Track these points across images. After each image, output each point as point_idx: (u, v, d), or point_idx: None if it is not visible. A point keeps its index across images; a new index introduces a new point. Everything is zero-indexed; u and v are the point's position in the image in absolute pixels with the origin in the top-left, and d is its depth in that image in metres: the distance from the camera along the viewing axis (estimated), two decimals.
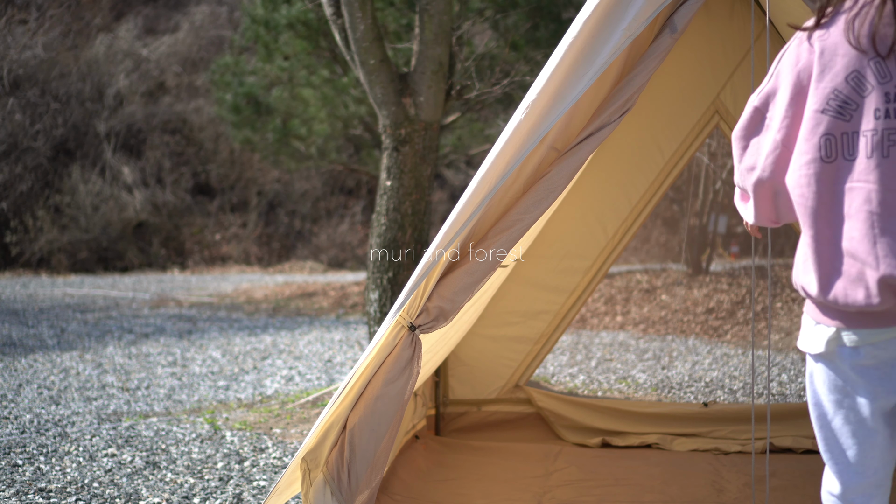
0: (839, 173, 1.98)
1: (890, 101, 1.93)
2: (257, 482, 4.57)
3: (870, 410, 2.04)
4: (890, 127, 1.93)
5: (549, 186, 3.08)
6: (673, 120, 4.85)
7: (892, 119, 1.93)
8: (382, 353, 3.04)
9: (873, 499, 2.14)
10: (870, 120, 1.94)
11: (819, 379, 2.12)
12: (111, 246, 20.30)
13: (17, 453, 5.15)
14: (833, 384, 2.09)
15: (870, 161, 1.93)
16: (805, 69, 2.04)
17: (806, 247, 2.05)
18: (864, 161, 1.94)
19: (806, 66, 2.04)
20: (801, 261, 2.08)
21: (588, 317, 11.16)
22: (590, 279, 5.00)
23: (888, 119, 1.93)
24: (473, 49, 9.78)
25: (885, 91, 1.93)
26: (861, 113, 1.95)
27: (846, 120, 1.96)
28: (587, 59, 2.94)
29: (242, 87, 13.68)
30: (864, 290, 1.95)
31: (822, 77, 1.99)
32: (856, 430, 2.09)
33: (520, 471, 4.26)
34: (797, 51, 2.06)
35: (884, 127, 1.93)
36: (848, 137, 1.96)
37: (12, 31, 19.92)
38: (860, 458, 2.10)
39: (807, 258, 2.05)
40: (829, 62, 1.98)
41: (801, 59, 2.05)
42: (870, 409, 2.04)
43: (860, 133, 1.95)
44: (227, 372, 8.06)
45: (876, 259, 1.93)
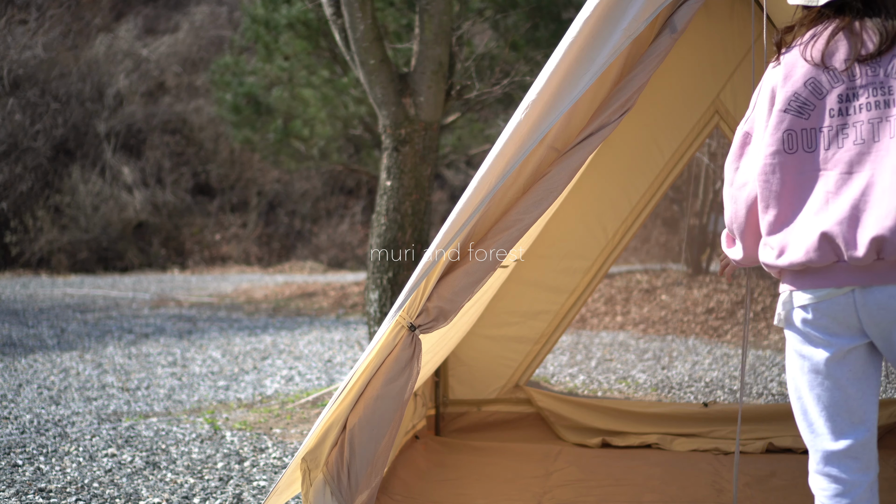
0: (801, 163, 2.34)
1: (842, 102, 2.32)
2: (257, 482, 4.57)
3: (825, 365, 2.35)
4: (842, 123, 2.31)
5: (549, 186, 3.08)
6: (673, 120, 4.85)
7: (843, 116, 2.31)
8: (382, 353, 3.04)
9: (853, 472, 2.33)
10: (825, 118, 2.32)
11: (790, 348, 2.43)
12: (111, 246, 20.31)
13: (17, 453, 5.15)
14: (798, 351, 2.40)
15: (827, 152, 2.31)
16: (775, 84, 2.42)
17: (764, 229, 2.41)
18: (822, 152, 2.31)
19: (775, 82, 2.43)
20: (761, 244, 2.44)
21: (588, 317, 11.16)
22: (590, 279, 5.00)
23: (840, 116, 2.31)
24: (473, 49, 9.79)
25: (837, 93, 2.32)
26: (819, 112, 2.33)
27: (805, 118, 2.34)
28: (587, 59, 2.94)
29: (242, 87, 13.68)
30: (805, 246, 2.30)
31: (785, 83, 2.38)
32: (820, 395, 2.36)
33: (520, 471, 4.26)
34: (769, 76, 2.46)
35: (837, 123, 2.31)
36: (807, 133, 2.33)
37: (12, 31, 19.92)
38: (831, 425, 2.35)
39: (765, 237, 2.42)
40: (790, 72, 2.38)
41: (772, 80, 2.44)
42: (825, 363, 2.35)
43: (819, 129, 2.32)
44: (227, 372, 8.06)
45: (821, 223, 2.29)
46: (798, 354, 2.40)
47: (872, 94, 2.29)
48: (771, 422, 4.72)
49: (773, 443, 4.65)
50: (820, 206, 2.31)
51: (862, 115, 2.29)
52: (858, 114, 2.30)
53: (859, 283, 2.30)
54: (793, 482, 4.04)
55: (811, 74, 2.35)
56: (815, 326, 2.37)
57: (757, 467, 4.27)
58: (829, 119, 2.32)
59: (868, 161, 2.27)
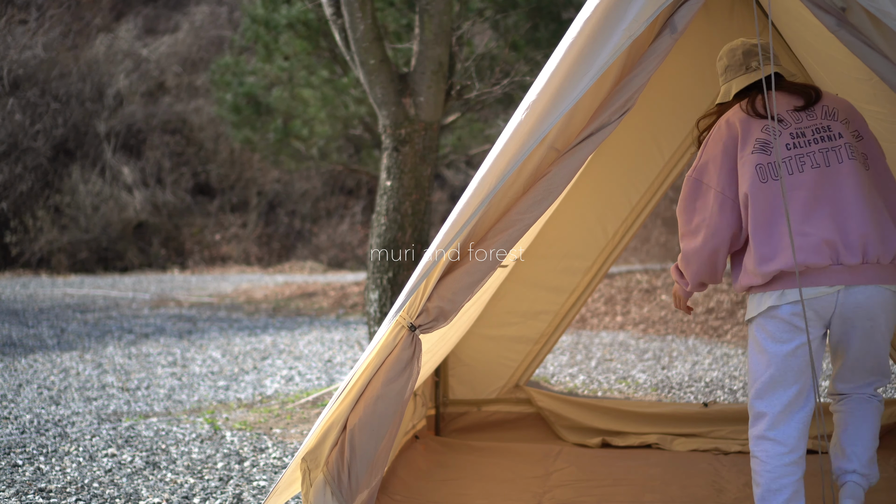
0: (772, 189, 2.95)
1: (795, 138, 3.00)
2: (257, 482, 4.57)
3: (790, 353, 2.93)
4: (798, 154, 2.97)
5: (549, 186, 3.08)
6: (673, 120, 4.85)
7: (797, 149, 2.98)
8: (382, 354, 3.04)
9: (790, 425, 2.93)
10: (784, 151, 2.98)
11: (761, 338, 2.97)
12: (111, 246, 20.30)
13: (17, 453, 5.15)
14: (773, 335, 2.94)
15: (791, 177, 2.94)
16: (730, 137, 3.05)
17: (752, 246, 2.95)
18: (787, 178, 2.94)
19: (730, 135, 3.06)
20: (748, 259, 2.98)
21: (588, 317, 11.16)
22: (590, 279, 5.00)
23: (795, 149, 2.98)
24: (473, 49, 9.79)
25: (789, 132, 3.00)
26: (777, 149, 2.95)
27: (768, 154, 2.97)
28: (587, 59, 2.94)
29: (242, 87, 13.68)
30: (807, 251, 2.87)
31: (746, 134, 3.02)
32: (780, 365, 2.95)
33: (520, 471, 4.26)
34: (719, 131, 3.09)
35: (794, 154, 2.97)
36: (772, 166, 2.96)
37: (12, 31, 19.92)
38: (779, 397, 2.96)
39: (751, 253, 2.96)
40: (748, 126, 3.04)
41: (723, 134, 3.07)
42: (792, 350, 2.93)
43: (783, 162, 2.96)
44: (227, 372, 8.06)
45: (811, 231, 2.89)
46: (771, 342, 2.94)
47: (815, 132, 2.99)
48: None
49: None
50: (802, 219, 2.90)
51: (813, 147, 2.97)
52: (811, 146, 2.98)
53: (845, 283, 2.90)
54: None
55: (765, 122, 3.02)
56: (800, 319, 2.90)
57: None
58: (786, 152, 2.98)
59: (828, 182, 2.93)
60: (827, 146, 2.97)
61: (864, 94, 3.59)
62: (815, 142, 2.98)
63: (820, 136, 2.99)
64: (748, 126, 3.04)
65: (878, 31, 2.92)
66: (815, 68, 4.25)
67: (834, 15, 2.91)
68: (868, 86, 3.43)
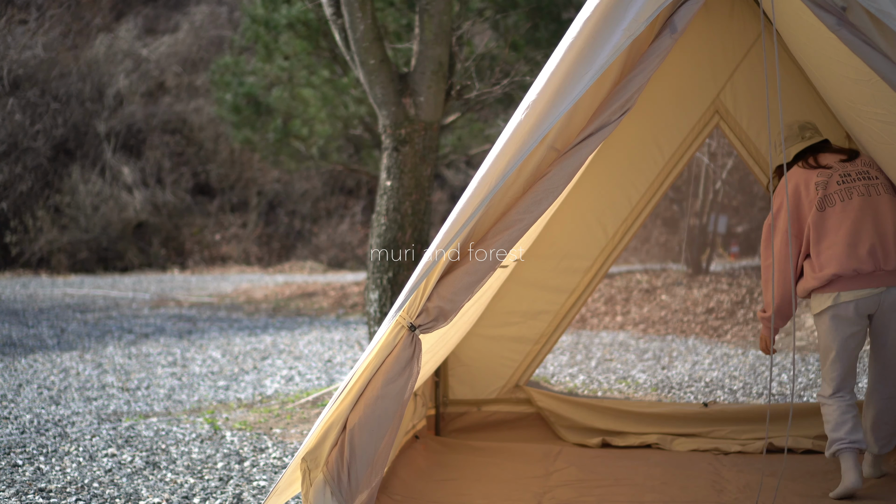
0: (826, 216, 3.95)
1: (843, 177, 3.98)
2: (257, 482, 4.57)
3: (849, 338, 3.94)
4: (847, 187, 3.96)
5: (549, 186, 3.08)
6: (673, 120, 4.85)
7: (846, 184, 3.96)
8: (382, 353, 3.04)
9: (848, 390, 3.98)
10: (835, 186, 3.96)
11: (829, 327, 3.94)
12: (111, 246, 20.30)
13: (17, 453, 5.15)
14: (834, 328, 3.93)
15: (842, 203, 3.94)
16: (795, 189, 4.03)
17: (813, 258, 3.97)
18: (839, 204, 3.94)
19: (795, 187, 4.03)
20: (809, 268, 3.99)
21: (588, 317, 11.16)
22: (590, 279, 5.00)
23: (845, 184, 3.96)
24: (473, 49, 9.79)
25: (839, 174, 4.00)
26: (831, 185, 3.97)
27: (824, 189, 3.97)
28: (587, 59, 2.94)
29: (242, 87, 13.67)
30: (857, 258, 3.88)
31: (807, 182, 4.00)
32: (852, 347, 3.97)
33: (520, 471, 4.26)
34: (795, 175, 4.08)
35: (844, 187, 3.96)
36: (828, 197, 3.95)
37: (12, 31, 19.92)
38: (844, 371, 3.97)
39: (811, 263, 3.98)
40: (808, 176, 4.02)
41: (795, 179, 4.05)
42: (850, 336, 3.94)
43: (833, 193, 3.96)
44: (227, 372, 8.06)
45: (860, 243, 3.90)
46: (834, 330, 3.92)
47: (858, 174, 3.99)
48: (771, 422, 4.72)
49: (772, 443, 4.65)
50: (853, 234, 3.89)
51: (857, 183, 3.96)
52: (856, 182, 3.96)
53: (886, 285, 3.90)
54: (793, 482, 4.04)
55: (818, 170, 4.03)
56: (853, 313, 3.90)
57: (757, 467, 4.27)
58: (837, 186, 3.96)
59: (870, 207, 3.92)
60: (868, 183, 3.96)
61: (862, 95, 3.59)
62: (859, 179, 3.96)
63: (862, 176, 3.98)
64: (808, 176, 4.02)
65: (879, 31, 2.92)
66: (813, 70, 4.25)
67: (834, 14, 2.91)
68: (867, 87, 3.43)
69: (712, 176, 12.91)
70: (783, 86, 4.72)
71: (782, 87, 4.72)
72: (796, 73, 4.69)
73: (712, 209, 13.33)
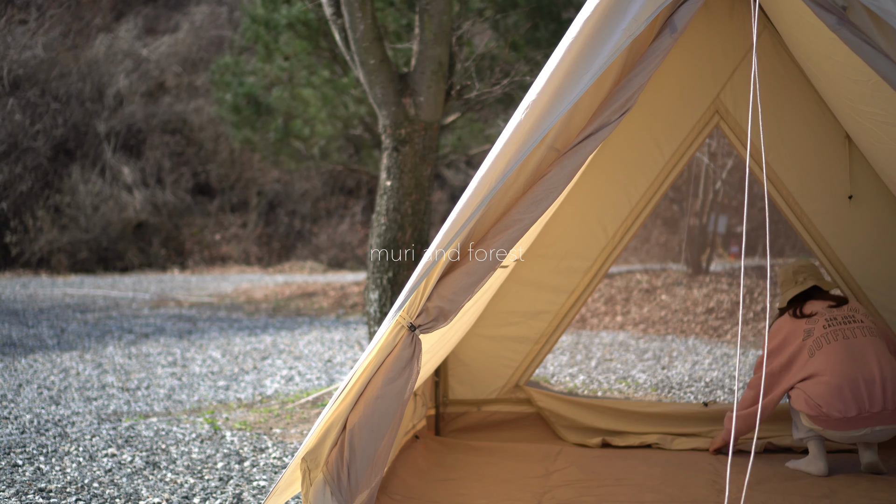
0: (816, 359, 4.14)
1: (829, 320, 4.20)
2: (257, 482, 4.57)
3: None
4: (833, 330, 4.17)
5: (549, 186, 3.08)
6: (673, 120, 4.85)
7: (832, 327, 4.17)
8: (382, 353, 3.04)
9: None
10: (821, 330, 4.19)
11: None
12: (111, 246, 20.30)
13: (17, 453, 5.15)
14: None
15: (828, 345, 4.14)
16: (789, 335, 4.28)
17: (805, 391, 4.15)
18: (825, 346, 4.14)
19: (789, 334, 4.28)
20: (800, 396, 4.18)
21: (588, 317, 11.16)
22: (590, 279, 5.00)
23: (831, 327, 4.18)
24: (473, 49, 9.78)
25: (825, 318, 4.21)
26: (817, 330, 4.19)
27: (811, 336, 4.19)
28: (587, 59, 2.94)
29: (242, 87, 13.67)
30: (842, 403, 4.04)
31: (795, 331, 4.26)
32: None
33: (520, 471, 4.26)
34: (785, 325, 4.32)
35: (830, 330, 4.17)
36: (815, 342, 4.17)
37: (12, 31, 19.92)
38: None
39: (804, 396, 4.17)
40: (796, 325, 4.27)
41: (785, 329, 4.30)
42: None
43: (820, 337, 4.17)
44: (227, 372, 8.06)
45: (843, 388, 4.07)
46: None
47: (844, 318, 4.19)
48: (771, 422, 4.72)
49: (772, 442, 4.65)
50: (838, 380, 4.05)
51: (843, 327, 4.16)
52: (841, 325, 4.17)
53: (870, 426, 4.04)
54: (793, 482, 4.04)
55: (805, 320, 4.27)
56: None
57: (757, 467, 4.27)
58: (823, 330, 4.18)
59: (854, 350, 4.10)
60: (854, 326, 4.17)
61: (861, 95, 3.59)
62: (845, 323, 4.17)
63: (847, 320, 4.19)
64: (795, 326, 4.27)
65: (879, 30, 2.92)
66: (813, 70, 4.25)
67: (835, 13, 2.91)
68: (866, 87, 3.43)
69: (712, 176, 12.91)
70: (783, 86, 4.72)
71: (782, 87, 4.72)
72: (796, 73, 4.69)
73: (712, 209, 13.33)
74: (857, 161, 4.70)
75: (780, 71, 4.70)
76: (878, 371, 4.02)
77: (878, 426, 3.99)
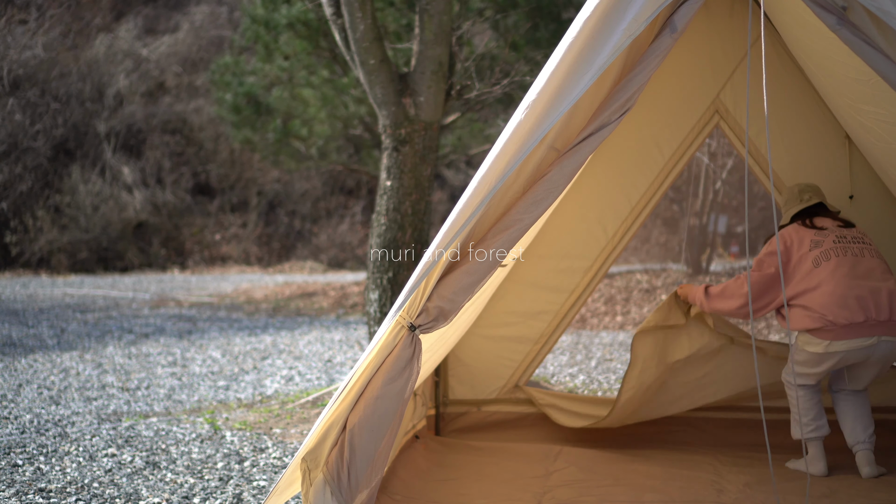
0: (819, 270, 4.10)
1: (839, 238, 4.16)
2: (257, 482, 4.57)
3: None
4: (842, 246, 4.13)
5: (549, 186, 3.08)
6: (673, 120, 4.85)
7: (841, 244, 4.14)
8: (382, 353, 3.04)
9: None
10: (832, 244, 4.14)
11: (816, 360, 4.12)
12: (111, 246, 20.31)
13: (17, 453, 5.15)
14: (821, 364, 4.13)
15: (837, 258, 4.09)
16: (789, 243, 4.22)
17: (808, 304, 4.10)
18: (834, 259, 4.09)
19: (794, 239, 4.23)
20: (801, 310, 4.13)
21: (588, 317, 11.16)
22: (590, 279, 5.00)
23: (840, 244, 4.14)
24: (473, 49, 9.79)
25: (835, 234, 4.18)
26: (826, 244, 4.14)
27: (819, 248, 4.14)
28: (587, 59, 2.94)
29: (242, 87, 13.67)
30: (848, 311, 4.02)
31: (801, 239, 4.20)
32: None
33: (520, 471, 4.26)
34: (791, 233, 4.25)
35: (839, 246, 4.14)
36: (823, 253, 4.12)
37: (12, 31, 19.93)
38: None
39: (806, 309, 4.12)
40: (802, 234, 4.23)
41: (790, 236, 4.24)
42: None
43: (829, 249, 4.12)
44: (227, 372, 8.06)
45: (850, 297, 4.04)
46: (818, 365, 4.14)
47: (853, 238, 4.18)
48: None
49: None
50: (846, 289, 4.02)
51: (853, 245, 4.15)
52: (851, 244, 4.15)
53: (877, 334, 4.05)
54: (793, 482, 4.04)
55: (814, 230, 4.21)
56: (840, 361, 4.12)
57: (757, 467, 4.28)
58: (834, 245, 4.13)
59: (863, 266, 4.09)
60: (862, 247, 4.17)
61: (862, 94, 3.59)
62: (854, 242, 4.18)
63: (857, 240, 4.19)
64: (802, 234, 4.22)
65: (879, 30, 2.92)
66: (813, 70, 4.25)
67: (835, 14, 2.91)
68: (866, 87, 3.43)
69: (712, 176, 12.91)
70: (783, 86, 4.72)
71: (782, 87, 4.72)
72: (796, 73, 4.69)
73: (712, 209, 13.33)
74: (857, 161, 4.70)
75: (780, 71, 4.70)
76: (883, 284, 4.02)
77: (885, 336, 3.98)
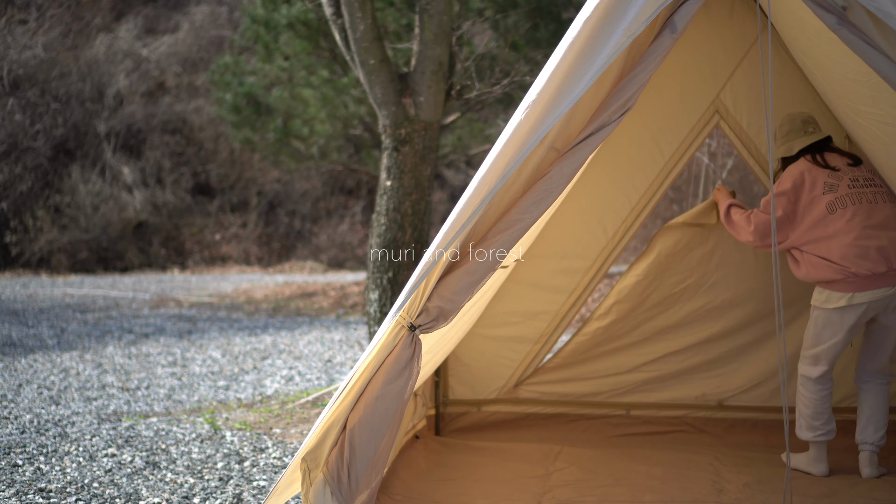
0: (836, 217, 4.01)
1: (853, 181, 4.05)
2: (257, 482, 4.57)
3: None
4: (858, 192, 4.03)
5: (549, 186, 3.08)
6: (673, 120, 4.85)
7: (856, 189, 4.03)
8: (382, 353, 3.04)
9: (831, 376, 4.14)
10: (846, 189, 4.04)
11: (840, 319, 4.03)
12: (111, 246, 20.30)
13: (17, 453, 5.15)
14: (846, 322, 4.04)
15: (853, 206, 4.01)
16: (800, 181, 4.11)
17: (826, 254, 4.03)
18: (850, 206, 4.01)
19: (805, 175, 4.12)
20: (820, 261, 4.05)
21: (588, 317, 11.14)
22: (590, 279, 5.00)
23: (855, 188, 4.03)
24: (473, 49, 9.78)
25: (849, 177, 4.07)
26: (841, 188, 4.04)
27: (835, 192, 4.05)
28: (587, 59, 2.94)
29: (242, 87, 13.67)
30: (869, 261, 3.95)
31: (814, 180, 4.09)
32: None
33: (520, 471, 4.26)
34: (804, 170, 4.12)
35: (854, 192, 4.03)
36: (839, 200, 4.03)
37: (12, 31, 19.92)
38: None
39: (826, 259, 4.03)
40: (815, 173, 4.10)
41: (795, 176, 4.12)
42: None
43: (845, 196, 4.03)
44: (227, 372, 8.06)
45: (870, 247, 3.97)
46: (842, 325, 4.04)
47: (865, 180, 4.06)
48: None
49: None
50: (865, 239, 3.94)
51: (866, 190, 4.03)
52: (864, 188, 4.03)
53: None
54: (793, 482, 4.04)
55: (828, 171, 4.10)
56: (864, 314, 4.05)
57: (757, 467, 4.28)
58: (848, 189, 4.03)
59: (878, 213, 3.99)
60: (875, 190, 4.05)
61: (861, 96, 3.59)
62: (867, 186, 4.05)
63: (869, 182, 4.06)
64: (816, 173, 4.08)
65: (879, 31, 2.92)
66: (813, 71, 4.25)
67: (835, 14, 2.91)
68: (866, 88, 3.43)
69: (712, 176, 12.91)
70: (783, 86, 4.72)
71: (782, 87, 4.73)
72: (796, 74, 4.69)
73: None
74: None
75: (779, 71, 4.70)
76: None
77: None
